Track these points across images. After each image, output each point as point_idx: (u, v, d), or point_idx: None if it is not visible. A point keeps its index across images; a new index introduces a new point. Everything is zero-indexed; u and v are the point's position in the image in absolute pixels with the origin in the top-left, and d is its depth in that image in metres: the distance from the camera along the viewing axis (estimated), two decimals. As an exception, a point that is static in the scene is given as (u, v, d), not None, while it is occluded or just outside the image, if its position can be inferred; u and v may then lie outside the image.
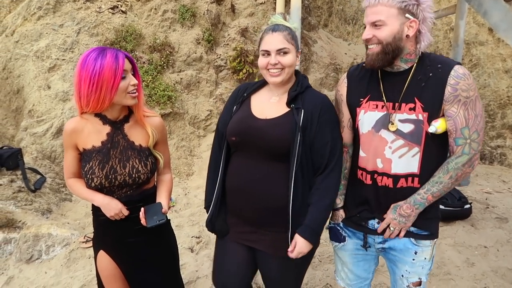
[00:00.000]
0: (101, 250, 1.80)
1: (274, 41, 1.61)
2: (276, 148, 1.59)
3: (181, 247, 3.50)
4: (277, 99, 1.70)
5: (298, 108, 1.61)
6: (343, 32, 9.35)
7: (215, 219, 1.76)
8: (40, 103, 5.11)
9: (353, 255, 1.78)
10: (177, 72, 5.99)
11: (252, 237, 1.70)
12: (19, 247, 3.41)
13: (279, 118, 1.63)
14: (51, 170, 4.69)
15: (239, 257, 1.77)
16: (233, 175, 1.72)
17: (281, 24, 1.66)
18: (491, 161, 6.69)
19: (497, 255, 3.37)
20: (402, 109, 1.51)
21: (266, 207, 1.62)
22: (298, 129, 1.57)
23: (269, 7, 6.77)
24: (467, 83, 1.43)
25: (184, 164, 5.44)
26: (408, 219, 1.55)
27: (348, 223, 1.75)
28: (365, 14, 1.52)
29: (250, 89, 1.78)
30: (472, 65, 7.01)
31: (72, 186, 1.77)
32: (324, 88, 7.30)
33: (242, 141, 1.67)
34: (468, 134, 1.44)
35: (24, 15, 5.61)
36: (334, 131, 1.66)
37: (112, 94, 1.55)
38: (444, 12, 5.90)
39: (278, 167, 1.61)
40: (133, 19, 5.98)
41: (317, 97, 1.68)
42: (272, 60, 1.61)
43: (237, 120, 1.70)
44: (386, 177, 1.57)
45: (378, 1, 1.45)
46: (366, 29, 1.51)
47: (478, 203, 4.54)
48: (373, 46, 1.50)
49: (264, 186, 1.62)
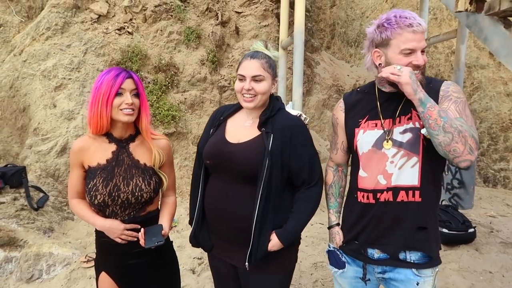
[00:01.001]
0: (103, 272, 1.79)
1: (251, 67, 1.67)
2: (245, 171, 1.65)
3: (182, 268, 3.46)
4: (251, 122, 1.76)
5: (268, 132, 1.65)
6: (346, 54, 9.47)
7: (198, 234, 1.81)
8: (45, 121, 5.16)
9: (353, 283, 1.74)
10: (181, 92, 6.06)
11: (230, 254, 1.76)
12: (20, 266, 3.39)
13: (250, 142, 1.69)
14: (54, 189, 4.69)
15: (228, 273, 1.83)
16: (209, 194, 1.79)
17: (261, 51, 1.72)
18: (494, 184, 6.66)
19: (503, 281, 3.32)
20: (402, 122, 1.56)
21: (236, 225, 1.68)
22: (267, 154, 1.60)
23: (273, 29, 6.89)
24: (457, 88, 1.54)
25: (186, 184, 5.44)
26: (416, 86, 1.43)
27: (347, 251, 1.73)
28: (412, 38, 1.47)
29: (227, 112, 1.86)
30: (474, 88, 7.06)
31: (75, 206, 1.78)
32: (326, 109, 7.35)
33: (215, 164, 1.75)
34: (466, 123, 1.42)
35: (32, 35, 5.72)
36: (310, 150, 1.72)
37: (108, 108, 1.62)
38: (445, 36, 5.98)
39: (248, 188, 1.65)
40: (139, 40, 6.09)
41: (286, 120, 1.72)
42: (246, 85, 1.67)
43: (211, 144, 1.77)
44: (386, 192, 1.56)
45: (423, 27, 1.49)
46: (419, 56, 1.49)
47: (482, 227, 4.50)
48: (418, 72, 1.51)
49: (234, 207, 1.68)
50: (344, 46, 9.52)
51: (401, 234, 1.56)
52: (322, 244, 4.02)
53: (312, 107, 7.26)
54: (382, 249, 1.61)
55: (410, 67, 1.47)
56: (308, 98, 7.25)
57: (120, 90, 1.64)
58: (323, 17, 9.74)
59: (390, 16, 1.52)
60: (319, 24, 9.56)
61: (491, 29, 2.37)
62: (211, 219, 1.79)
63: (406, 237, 1.56)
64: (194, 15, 6.53)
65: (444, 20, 7.81)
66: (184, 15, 6.36)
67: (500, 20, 2.31)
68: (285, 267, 1.77)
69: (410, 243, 1.56)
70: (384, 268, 1.63)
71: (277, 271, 1.73)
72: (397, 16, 1.50)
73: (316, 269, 3.50)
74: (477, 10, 2.51)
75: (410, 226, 1.56)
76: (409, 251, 1.58)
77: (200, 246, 1.85)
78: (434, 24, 7.90)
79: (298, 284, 3.24)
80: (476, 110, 6.93)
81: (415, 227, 1.56)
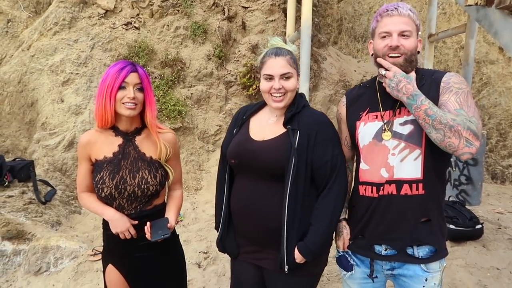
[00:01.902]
0: (110, 264, 1.81)
1: (277, 65, 1.62)
2: (271, 169, 1.61)
3: (188, 262, 3.48)
4: (275, 119, 1.73)
5: (294, 129, 1.62)
6: (353, 50, 9.41)
7: (224, 239, 1.78)
8: (53, 116, 5.20)
9: (362, 284, 1.74)
10: (187, 87, 6.06)
11: (258, 256, 1.71)
12: (28, 258, 3.43)
13: (275, 139, 1.65)
14: (62, 183, 4.74)
15: (251, 277, 1.77)
16: (235, 197, 1.74)
17: (282, 47, 1.68)
18: (502, 181, 6.60)
19: (510, 278, 3.29)
20: (402, 113, 1.55)
21: (265, 227, 1.63)
22: (294, 151, 1.57)
23: (280, 24, 6.86)
24: (459, 79, 1.53)
25: (192, 179, 5.46)
26: (396, 92, 1.48)
27: (355, 249, 1.72)
28: (388, 22, 1.54)
29: (250, 111, 1.82)
30: (483, 84, 6.99)
31: (84, 199, 1.79)
32: (333, 105, 7.31)
33: (240, 163, 1.70)
34: (466, 114, 1.41)
35: (40, 30, 5.76)
36: (334, 149, 1.65)
37: (111, 102, 1.64)
38: (454, 31, 5.91)
39: (275, 187, 1.61)
40: (146, 35, 6.10)
41: (313, 117, 1.69)
42: (276, 85, 1.62)
43: (235, 144, 1.73)
44: (389, 184, 1.55)
45: (408, 13, 1.53)
46: (394, 37, 1.52)
47: (489, 224, 4.46)
48: (397, 55, 1.53)
49: (262, 207, 1.63)
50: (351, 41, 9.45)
51: (407, 228, 1.55)
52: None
53: (319, 103, 7.22)
54: (389, 245, 1.60)
55: (397, 70, 1.51)
56: (314, 93, 7.22)
57: (123, 84, 1.64)
58: (330, 12, 9.68)
59: (380, 9, 1.61)
60: (326, 19, 9.49)
61: (502, 23, 2.34)
62: (238, 223, 1.75)
63: (411, 231, 1.55)
64: (200, 10, 6.52)
65: (453, 15, 7.72)
66: (190, 10, 6.36)
67: (511, 14, 2.27)
68: (314, 270, 1.72)
69: (416, 236, 1.55)
70: (392, 264, 1.62)
71: (306, 274, 1.68)
72: (384, 8, 1.58)
73: (322, 264, 3.49)
74: (487, 4, 2.47)
75: (415, 220, 1.55)
76: (417, 246, 1.57)
77: (226, 252, 1.81)
78: (443, 18, 7.81)
79: (304, 279, 3.24)
80: (485, 106, 6.86)
81: (419, 220, 1.55)
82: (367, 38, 9.44)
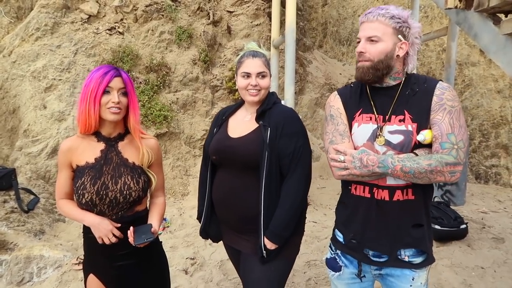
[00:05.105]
0: (91, 274, 1.77)
1: (255, 65, 1.84)
2: (247, 162, 1.79)
3: (175, 269, 3.44)
4: (250, 117, 1.92)
5: (265, 125, 1.79)
6: (338, 53, 9.49)
7: (207, 227, 2.00)
8: (35, 123, 5.11)
9: (350, 284, 1.75)
10: (173, 92, 6.03)
11: (237, 241, 1.92)
12: (10, 269, 3.35)
13: (250, 134, 1.84)
14: (45, 191, 4.65)
15: (237, 260, 2.01)
16: (216, 188, 1.94)
17: (258, 51, 1.90)
18: (486, 181, 6.70)
19: (494, 276, 3.34)
20: (392, 121, 1.54)
21: (243, 215, 1.83)
22: (266, 146, 1.74)
23: (265, 28, 6.88)
24: (452, 94, 1.51)
25: (179, 184, 5.42)
26: (365, 168, 1.51)
27: (347, 251, 1.71)
28: (361, 28, 1.58)
29: (228, 112, 2.02)
30: (465, 86, 7.11)
31: (63, 206, 1.75)
32: (319, 108, 7.35)
33: (220, 158, 1.90)
34: (455, 140, 1.44)
35: (22, 36, 5.66)
36: (298, 141, 1.80)
37: (95, 106, 1.62)
38: (436, 34, 6.01)
39: (252, 179, 1.78)
40: (130, 40, 6.05)
41: (282, 113, 1.86)
42: (253, 81, 1.83)
43: (216, 141, 1.92)
44: (381, 190, 1.56)
45: (377, 18, 1.52)
46: (361, 43, 1.56)
47: (474, 223, 4.53)
48: (363, 60, 1.55)
49: (240, 197, 1.83)
50: (336, 44, 9.54)
51: (398, 233, 1.56)
52: (315, 243, 4.02)
53: (305, 106, 7.26)
54: (380, 250, 1.60)
55: (351, 151, 1.55)
56: (300, 97, 7.25)
57: (107, 88, 1.62)
58: (315, 16, 9.76)
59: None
60: (311, 23, 9.57)
61: (481, 26, 2.38)
62: (219, 211, 1.95)
63: (403, 236, 1.56)
64: (185, 14, 6.50)
65: (435, 18, 7.85)
66: (175, 15, 6.33)
67: (490, 16, 2.31)
68: (287, 253, 1.86)
69: (407, 241, 1.57)
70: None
71: (280, 256, 1.82)
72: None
73: (309, 268, 3.49)
74: (466, 7, 2.51)
75: (406, 225, 1.56)
76: (408, 249, 1.58)
77: (209, 237, 2.03)
78: (425, 22, 7.94)
79: (291, 282, 3.23)
80: (467, 107, 6.97)
81: (410, 225, 1.56)
82: (352, 41, 9.53)
